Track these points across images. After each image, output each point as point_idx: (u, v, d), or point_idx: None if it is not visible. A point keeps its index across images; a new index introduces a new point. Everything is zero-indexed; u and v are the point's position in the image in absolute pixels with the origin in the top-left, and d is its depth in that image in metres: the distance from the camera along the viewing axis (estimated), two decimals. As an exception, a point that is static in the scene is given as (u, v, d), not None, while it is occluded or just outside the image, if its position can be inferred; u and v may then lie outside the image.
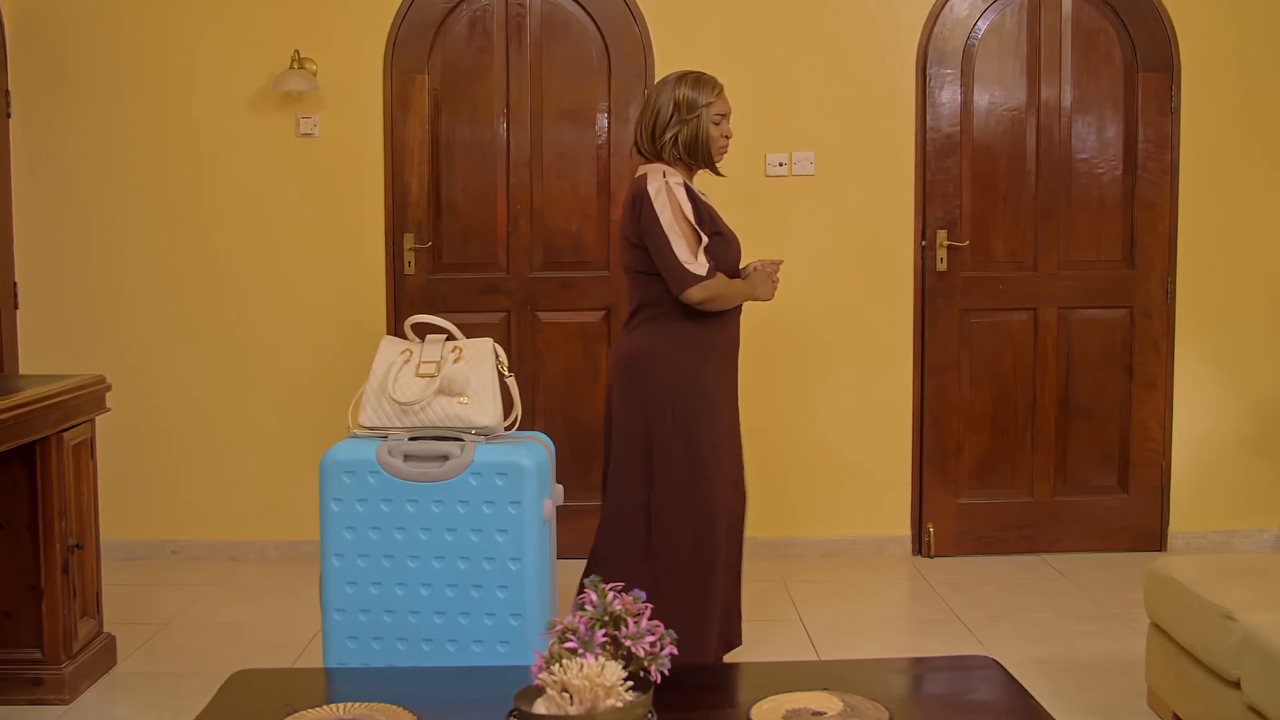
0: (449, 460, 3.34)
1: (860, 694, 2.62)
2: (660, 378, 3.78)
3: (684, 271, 3.67)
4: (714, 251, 3.75)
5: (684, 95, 3.78)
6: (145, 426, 5.36)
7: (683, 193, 3.73)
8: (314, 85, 5.15)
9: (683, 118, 3.78)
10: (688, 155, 3.80)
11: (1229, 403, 5.40)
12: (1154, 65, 5.30)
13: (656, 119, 3.80)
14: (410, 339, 3.56)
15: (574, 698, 2.43)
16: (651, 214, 3.71)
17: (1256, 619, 3.17)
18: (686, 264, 3.67)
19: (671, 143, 3.78)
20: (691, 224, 3.70)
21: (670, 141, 3.78)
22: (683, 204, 3.71)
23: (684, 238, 3.68)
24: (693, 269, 3.68)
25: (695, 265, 3.68)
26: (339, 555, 3.38)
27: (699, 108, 3.78)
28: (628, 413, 3.84)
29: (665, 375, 3.78)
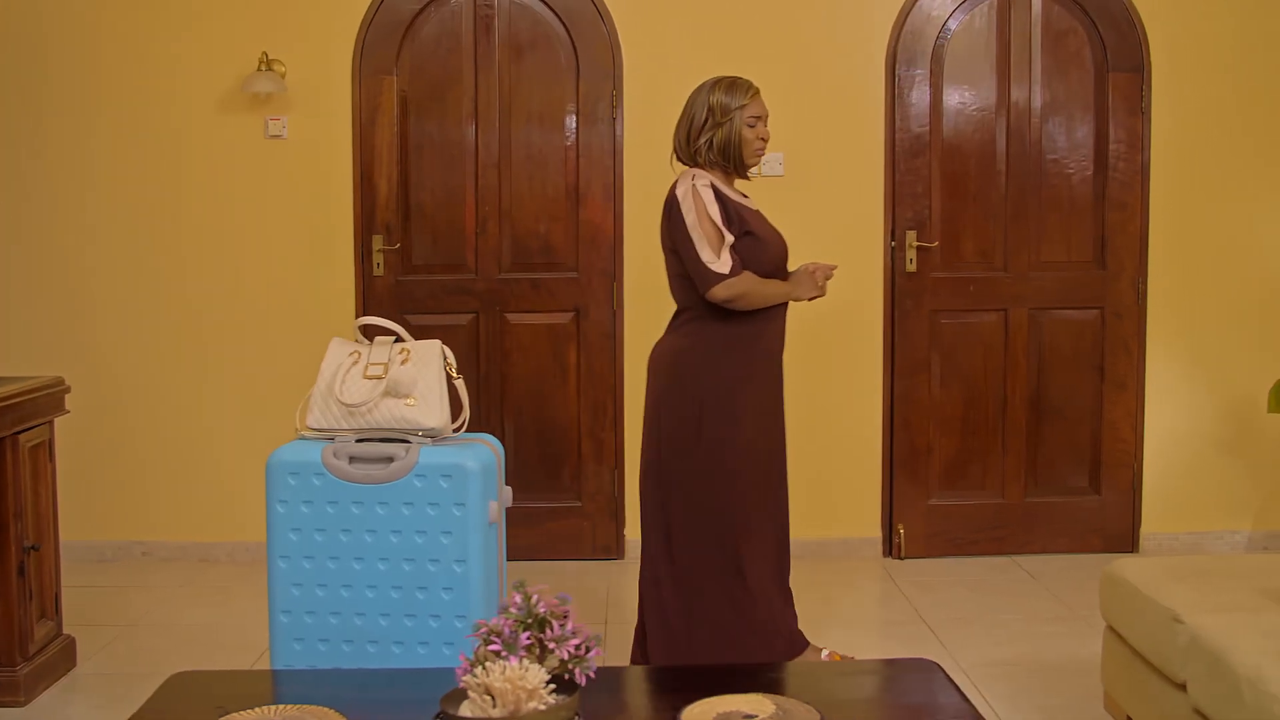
0: (394, 462, 3.33)
1: (797, 697, 2.61)
2: (692, 378, 3.81)
3: (706, 270, 3.71)
4: (743, 251, 3.75)
5: (718, 99, 3.83)
6: (115, 428, 5.37)
7: (709, 194, 3.75)
8: (282, 87, 5.15)
9: (716, 121, 3.82)
10: (721, 158, 3.83)
11: (1200, 403, 5.38)
12: (1124, 65, 5.29)
13: (691, 124, 3.87)
14: (359, 341, 3.56)
15: (496, 700, 2.43)
16: (679, 216, 3.75)
17: (1203, 621, 3.15)
18: (709, 263, 3.70)
19: (706, 147, 3.83)
20: (716, 224, 3.72)
21: (705, 145, 3.83)
22: (708, 204, 3.73)
23: (706, 237, 3.71)
24: (715, 267, 3.70)
25: (717, 264, 3.70)
26: (284, 557, 3.38)
27: (732, 111, 3.82)
28: (657, 412, 3.87)
29: (697, 376, 3.80)
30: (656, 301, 5.26)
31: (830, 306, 5.29)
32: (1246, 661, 2.87)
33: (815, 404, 5.35)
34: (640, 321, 5.32)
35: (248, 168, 5.28)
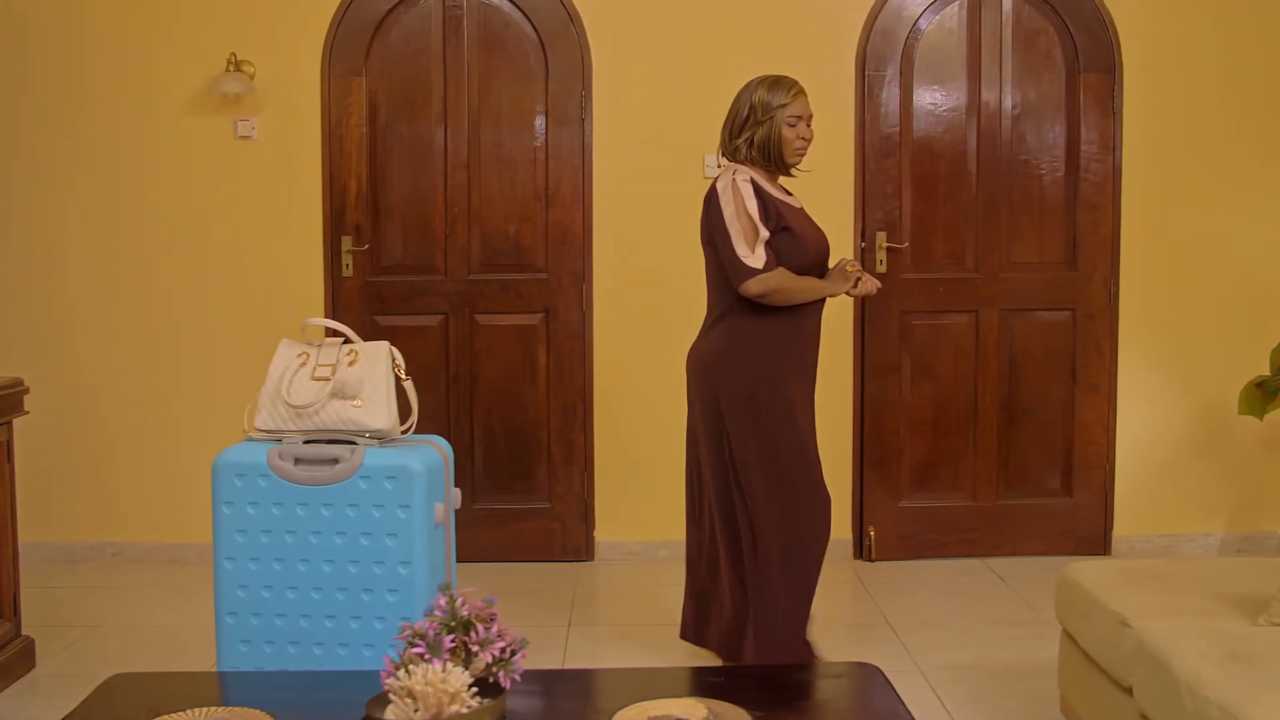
0: (339, 463, 3.33)
1: (732, 701, 2.60)
2: (735, 378, 3.84)
3: (741, 264, 3.74)
4: (780, 247, 3.79)
5: (759, 98, 3.86)
6: (87, 429, 5.37)
7: (749, 189, 3.79)
8: (250, 88, 5.15)
9: (758, 120, 3.85)
10: (762, 157, 3.86)
11: (1173, 405, 5.36)
12: (1096, 66, 5.27)
13: (734, 121, 3.91)
14: (309, 342, 3.55)
15: (419, 704, 2.42)
16: (717, 210, 3.81)
17: (1149, 625, 3.14)
18: (744, 258, 3.74)
19: (746, 145, 3.87)
20: (753, 219, 3.75)
21: (745, 144, 3.87)
22: (746, 199, 3.77)
23: (743, 232, 3.75)
24: (749, 262, 3.74)
25: (751, 259, 3.74)
26: (231, 558, 3.38)
27: (772, 110, 3.84)
28: (706, 414, 3.91)
29: (740, 375, 3.84)
30: (626, 303, 5.29)
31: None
32: (1186, 665, 2.85)
33: (786, 405, 5.34)
34: (610, 323, 5.32)
35: (217, 169, 5.28)
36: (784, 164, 3.89)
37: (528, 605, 4.85)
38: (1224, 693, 2.69)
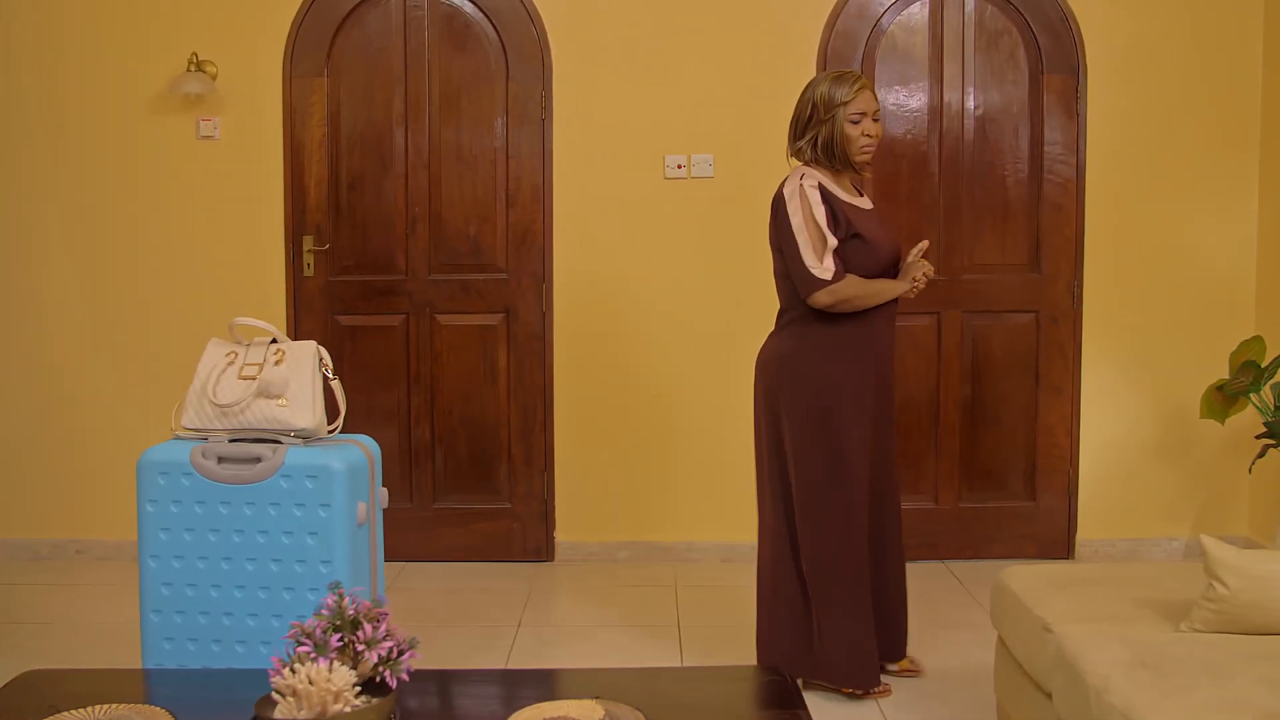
0: (261, 462, 3.33)
1: (631, 703, 2.59)
2: (799, 382, 3.80)
3: (809, 275, 3.69)
4: (850, 254, 3.74)
5: (822, 94, 3.80)
6: (51, 425, 5.40)
7: (816, 195, 3.73)
8: (211, 88, 5.17)
9: (820, 119, 3.79)
10: (825, 156, 3.80)
11: (1137, 408, 5.32)
12: (1059, 67, 5.23)
13: (798, 121, 3.86)
14: (237, 341, 3.56)
15: (302, 702, 2.42)
16: (785, 216, 3.76)
17: (1069, 631, 3.12)
18: (811, 268, 3.69)
19: (810, 145, 3.81)
20: (820, 227, 3.70)
21: (809, 144, 3.81)
22: (814, 206, 3.71)
23: (811, 241, 3.70)
24: (817, 273, 3.68)
25: (820, 270, 3.68)
26: (155, 556, 3.39)
27: (835, 107, 3.77)
28: (768, 417, 3.88)
29: (804, 379, 3.79)
30: (586, 304, 5.29)
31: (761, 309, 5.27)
32: (1097, 671, 2.83)
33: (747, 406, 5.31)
34: (570, 323, 5.32)
35: (180, 169, 5.29)
36: (850, 163, 3.82)
37: (482, 604, 4.86)
38: (1127, 699, 2.67)
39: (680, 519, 5.38)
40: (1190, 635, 3.02)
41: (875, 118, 3.81)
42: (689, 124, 5.25)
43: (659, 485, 5.37)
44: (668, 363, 5.31)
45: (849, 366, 3.80)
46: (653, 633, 4.53)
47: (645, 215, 5.27)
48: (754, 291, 5.26)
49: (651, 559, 5.39)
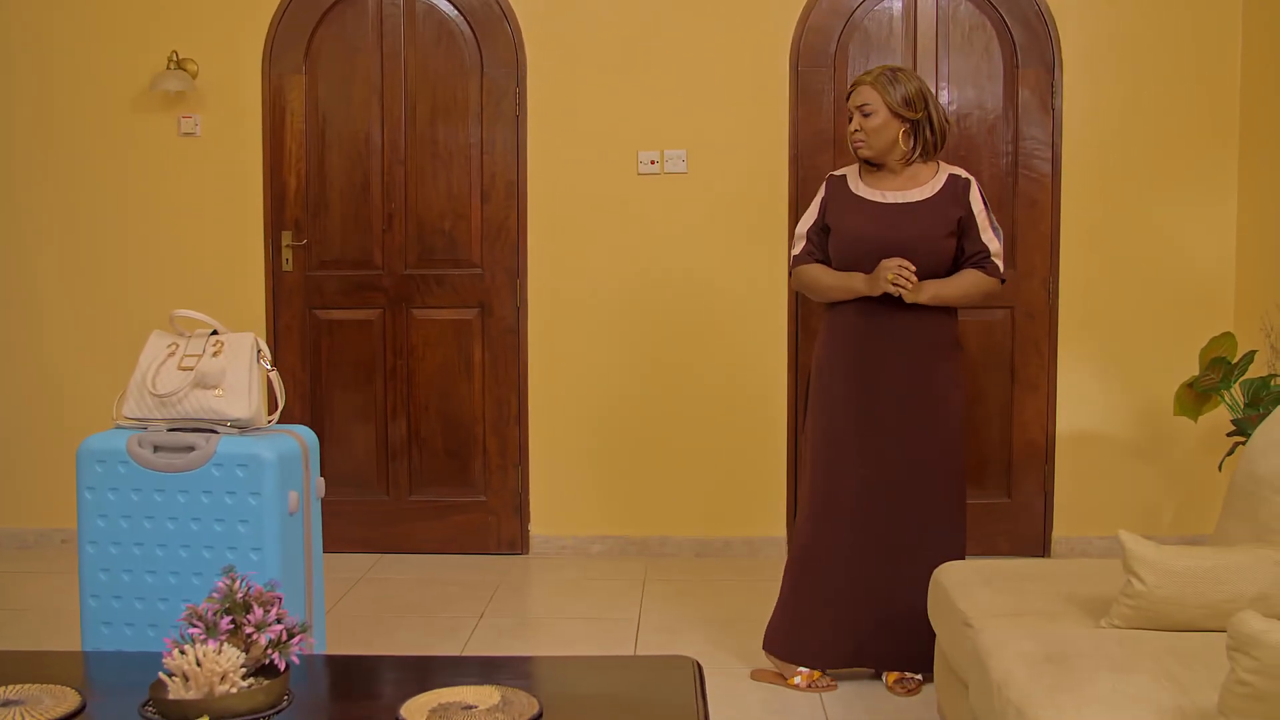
0: (194, 451, 3.39)
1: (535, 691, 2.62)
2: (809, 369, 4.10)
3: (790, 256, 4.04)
4: (825, 244, 3.94)
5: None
6: (38, 416, 5.50)
7: (824, 185, 4.02)
8: (192, 85, 5.25)
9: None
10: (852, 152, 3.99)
11: (1113, 406, 5.29)
12: (1035, 62, 5.21)
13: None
14: (179, 333, 3.62)
15: (191, 683, 2.47)
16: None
17: (987, 625, 3.12)
18: (791, 249, 4.04)
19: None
20: (809, 213, 3.99)
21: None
22: (818, 193, 4.01)
23: (798, 225, 4.01)
24: (791, 253, 4.01)
25: (793, 251, 4.01)
26: (93, 542, 3.46)
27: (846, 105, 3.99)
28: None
29: (810, 365, 4.07)
30: (560, 299, 5.32)
31: (734, 304, 5.30)
32: (1001, 666, 2.83)
33: (720, 401, 5.34)
34: (544, 318, 5.36)
35: (161, 165, 5.38)
36: (856, 157, 3.98)
37: (451, 596, 4.91)
38: (1023, 693, 2.68)
39: (654, 513, 5.40)
40: (1106, 631, 3.02)
41: (865, 112, 3.85)
42: (662, 120, 5.28)
43: (633, 480, 5.40)
44: (642, 357, 5.33)
45: (823, 353, 3.94)
46: (612, 625, 4.56)
47: (618, 211, 5.30)
48: (728, 285, 5.29)
49: (625, 553, 5.42)
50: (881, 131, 3.83)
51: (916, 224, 3.84)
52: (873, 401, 3.88)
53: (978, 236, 3.88)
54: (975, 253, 3.90)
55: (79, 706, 2.56)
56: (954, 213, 3.85)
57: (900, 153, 3.86)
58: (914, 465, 3.88)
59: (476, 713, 2.51)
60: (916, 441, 3.87)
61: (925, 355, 3.86)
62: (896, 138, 3.83)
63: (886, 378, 3.86)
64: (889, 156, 3.87)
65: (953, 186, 3.87)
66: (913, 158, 3.88)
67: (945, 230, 3.84)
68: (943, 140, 3.90)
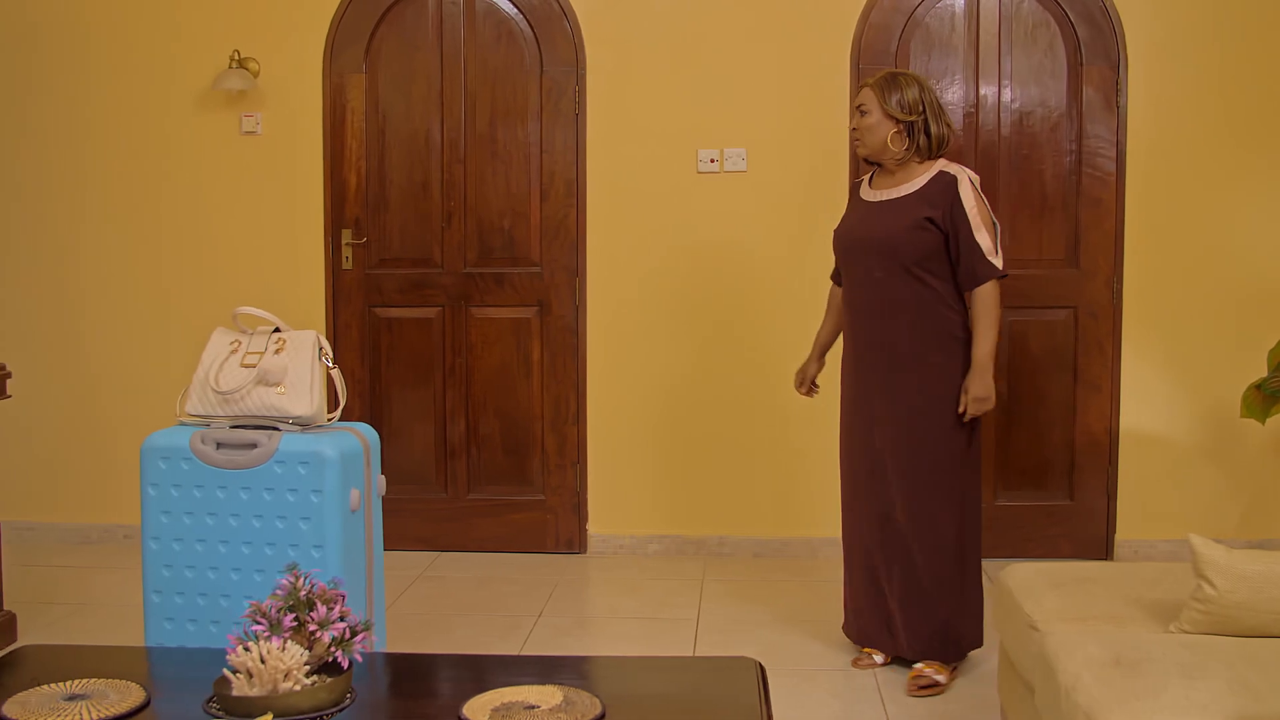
0: (256, 448, 3.41)
1: (592, 690, 2.61)
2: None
3: None
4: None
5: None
6: (98, 412, 5.56)
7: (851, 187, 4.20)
8: (253, 84, 5.28)
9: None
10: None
11: (1178, 407, 5.21)
12: (1099, 59, 5.14)
13: None
14: (241, 330, 3.64)
15: (255, 680, 2.48)
16: None
17: (1053, 629, 3.09)
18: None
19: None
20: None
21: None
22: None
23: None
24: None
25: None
26: (156, 538, 3.49)
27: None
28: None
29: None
30: (619, 297, 5.31)
31: (794, 304, 5.26)
32: (1069, 670, 2.79)
33: (780, 401, 5.30)
34: (603, 317, 5.35)
35: (224, 164, 5.42)
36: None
37: (509, 594, 4.91)
38: (1093, 698, 2.63)
39: (712, 513, 5.38)
40: (1175, 636, 2.97)
41: (862, 111, 3.97)
42: (722, 118, 5.25)
43: (692, 479, 5.38)
44: (701, 356, 5.31)
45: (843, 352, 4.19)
46: (670, 625, 4.54)
47: (678, 209, 5.28)
48: (789, 284, 5.26)
49: (682, 553, 5.40)
50: (874, 131, 3.93)
51: (884, 221, 3.94)
52: (868, 397, 4.02)
53: (970, 235, 3.83)
54: (968, 255, 3.85)
55: (143, 702, 2.57)
56: (926, 209, 3.85)
57: (892, 153, 3.93)
58: (902, 457, 3.97)
59: (539, 713, 2.50)
60: (906, 434, 3.96)
61: (916, 350, 3.92)
62: (887, 139, 3.91)
63: (877, 373, 3.99)
64: (883, 156, 3.97)
65: (937, 183, 3.88)
66: (904, 158, 3.93)
67: (909, 224, 3.87)
68: (939, 146, 3.93)
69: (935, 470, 3.95)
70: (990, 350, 3.88)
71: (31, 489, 5.56)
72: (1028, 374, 5.26)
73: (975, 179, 3.90)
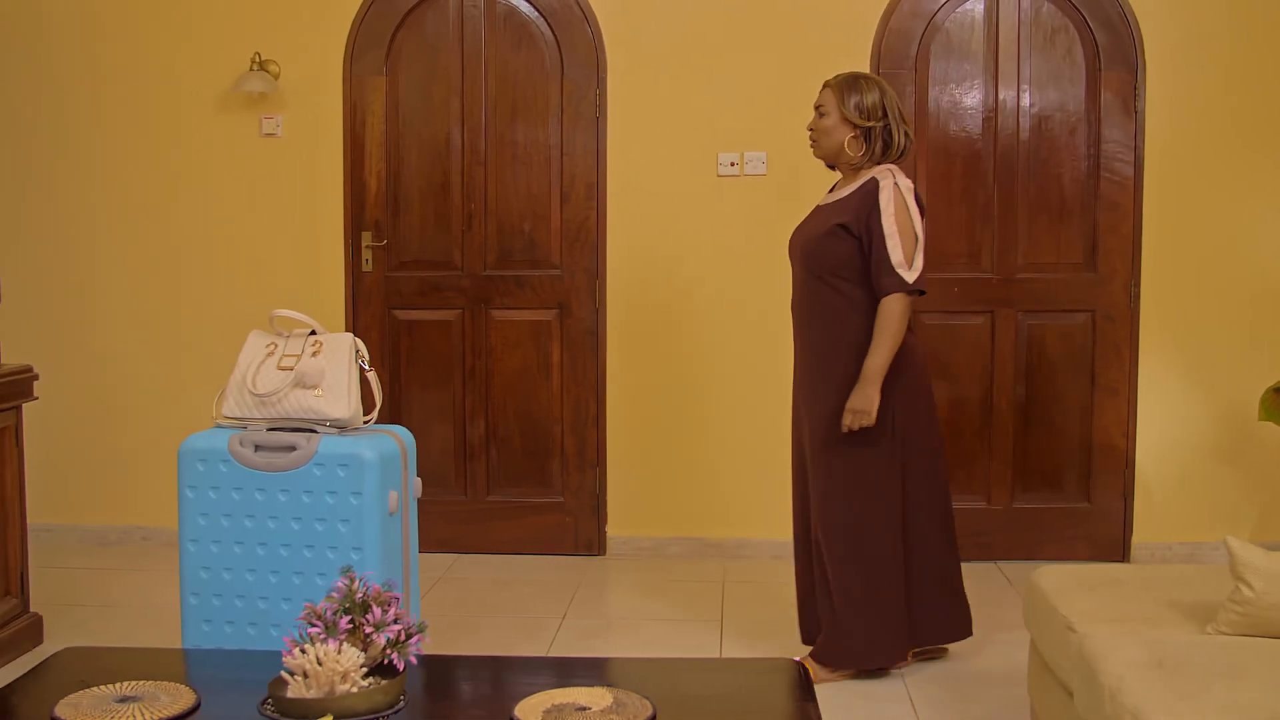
0: (295, 451, 3.42)
1: (642, 692, 2.62)
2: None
3: None
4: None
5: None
6: (117, 415, 5.56)
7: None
8: (274, 86, 5.29)
9: None
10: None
11: (1195, 409, 5.24)
12: (1117, 64, 5.17)
13: None
14: (278, 333, 3.65)
15: (312, 682, 2.49)
16: None
17: (1092, 631, 3.10)
18: None
19: None
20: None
21: None
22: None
23: None
24: None
25: None
26: (193, 540, 3.49)
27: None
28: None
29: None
30: (639, 300, 5.33)
31: (812, 307, 5.27)
32: (1112, 672, 2.81)
33: (798, 404, 5.33)
34: (623, 319, 5.36)
35: (244, 166, 5.43)
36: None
37: (530, 597, 4.92)
38: (1139, 700, 2.64)
39: (732, 516, 5.40)
40: (1213, 638, 2.99)
41: (820, 113, 3.94)
42: (742, 121, 5.27)
43: (711, 482, 5.40)
44: (720, 359, 5.33)
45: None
46: (695, 627, 4.56)
47: (698, 212, 5.30)
48: (805, 289, 5.27)
49: (702, 555, 5.42)
50: (831, 133, 3.89)
51: (810, 226, 3.96)
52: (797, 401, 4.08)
53: (881, 245, 3.75)
54: (877, 266, 3.77)
55: (194, 704, 2.58)
56: (842, 216, 3.82)
57: (848, 157, 3.88)
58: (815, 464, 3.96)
59: (591, 714, 2.51)
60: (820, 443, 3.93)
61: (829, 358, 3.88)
62: (844, 143, 3.86)
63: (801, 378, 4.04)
64: (839, 159, 3.92)
65: (862, 189, 3.83)
66: (860, 164, 3.87)
67: (824, 231, 3.85)
68: (898, 153, 3.87)
69: (844, 481, 3.90)
70: (880, 365, 3.75)
71: (48, 490, 5.54)
72: (1045, 377, 5.29)
73: (906, 186, 3.79)
